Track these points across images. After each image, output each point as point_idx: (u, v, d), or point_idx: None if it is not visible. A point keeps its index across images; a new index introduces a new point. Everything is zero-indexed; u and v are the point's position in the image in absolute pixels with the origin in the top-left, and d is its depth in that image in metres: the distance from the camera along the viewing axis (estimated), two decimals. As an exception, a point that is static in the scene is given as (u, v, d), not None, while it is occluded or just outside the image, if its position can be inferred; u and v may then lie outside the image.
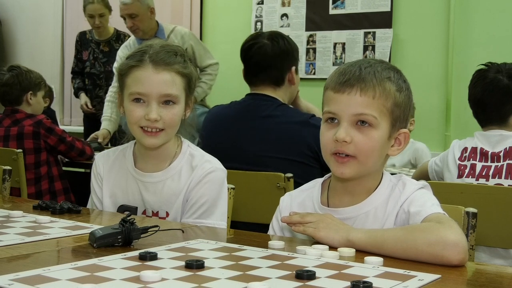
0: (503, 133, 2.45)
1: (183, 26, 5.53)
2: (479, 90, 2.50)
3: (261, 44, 2.59)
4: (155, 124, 1.75)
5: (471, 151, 2.48)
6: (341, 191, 1.52)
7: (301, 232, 1.40)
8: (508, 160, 2.39)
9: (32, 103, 3.53)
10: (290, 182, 2.33)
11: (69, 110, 6.19)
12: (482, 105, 2.50)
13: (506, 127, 2.48)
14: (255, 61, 2.60)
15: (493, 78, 2.47)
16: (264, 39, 2.61)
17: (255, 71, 2.61)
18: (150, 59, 1.76)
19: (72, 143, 3.46)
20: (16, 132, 3.37)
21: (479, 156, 2.46)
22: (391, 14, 4.76)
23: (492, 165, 2.42)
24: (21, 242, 1.33)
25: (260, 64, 2.58)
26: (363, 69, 1.44)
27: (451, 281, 1.12)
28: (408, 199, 1.44)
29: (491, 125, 2.50)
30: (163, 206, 1.83)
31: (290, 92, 2.67)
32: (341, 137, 1.41)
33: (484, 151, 2.45)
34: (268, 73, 2.58)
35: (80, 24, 6.09)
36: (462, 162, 2.48)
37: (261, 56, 2.58)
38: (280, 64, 2.58)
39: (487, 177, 2.40)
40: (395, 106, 1.45)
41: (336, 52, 5.00)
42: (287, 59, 2.61)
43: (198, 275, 1.08)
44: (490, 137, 2.47)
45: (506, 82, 2.46)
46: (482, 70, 2.54)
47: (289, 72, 2.61)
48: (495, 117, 2.49)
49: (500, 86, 2.45)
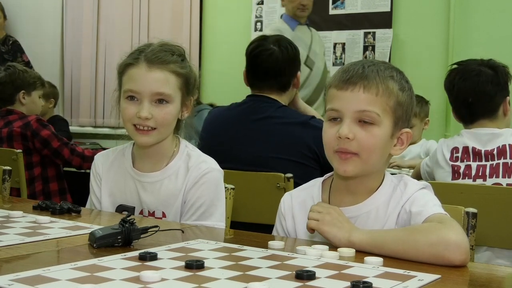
0: (494, 132, 2.42)
1: (183, 26, 5.56)
2: (469, 83, 2.45)
3: (271, 50, 2.59)
4: (146, 122, 1.76)
5: (463, 151, 2.44)
6: (343, 190, 1.52)
7: (307, 225, 1.41)
8: (503, 159, 2.37)
9: (26, 103, 3.48)
10: (290, 183, 2.34)
11: (70, 110, 6.19)
12: (474, 97, 2.44)
13: (496, 120, 2.45)
14: (265, 68, 2.59)
15: (478, 70, 2.44)
16: (271, 44, 2.61)
17: (264, 77, 2.60)
18: (145, 58, 1.77)
19: (58, 150, 3.35)
20: (6, 133, 3.34)
21: (472, 156, 2.42)
22: (391, 14, 4.76)
23: (487, 164, 2.39)
24: (21, 242, 1.33)
25: (270, 71, 2.58)
26: (366, 67, 1.46)
27: (451, 281, 1.12)
28: (410, 199, 1.45)
29: (482, 119, 2.45)
30: (159, 206, 1.83)
31: (291, 95, 2.69)
32: (344, 133, 1.41)
33: (476, 150, 2.41)
34: (277, 80, 2.59)
35: (80, 24, 6.11)
36: (455, 163, 2.45)
37: (271, 64, 2.57)
38: (288, 71, 2.60)
39: (484, 177, 2.38)
40: (398, 105, 1.46)
41: (336, 52, 4.99)
42: (294, 65, 2.64)
43: (198, 275, 1.08)
44: (480, 135, 2.43)
45: (492, 72, 2.44)
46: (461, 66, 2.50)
47: (295, 77, 2.64)
48: (486, 110, 2.45)
49: (489, 77, 2.43)
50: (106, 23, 6.00)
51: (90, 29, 6.05)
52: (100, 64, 6.01)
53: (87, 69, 6.06)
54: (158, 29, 5.65)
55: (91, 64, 6.05)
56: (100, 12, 6.03)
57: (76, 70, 6.15)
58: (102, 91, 6.01)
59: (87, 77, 6.07)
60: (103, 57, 6.00)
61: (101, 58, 6.01)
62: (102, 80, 6.00)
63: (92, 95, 6.06)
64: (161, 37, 1.91)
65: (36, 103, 3.57)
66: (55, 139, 3.37)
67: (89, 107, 6.08)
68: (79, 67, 6.12)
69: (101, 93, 6.01)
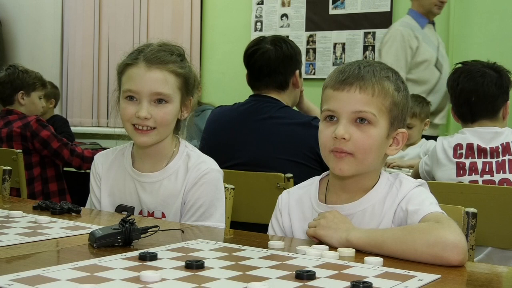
0: (496, 130, 2.44)
1: (184, 26, 5.56)
2: (473, 83, 2.46)
3: (264, 49, 2.60)
4: (145, 122, 1.76)
5: (467, 148, 2.45)
6: (338, 188, 1.53)
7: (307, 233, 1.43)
8: (508, 155, 2.39)
9: (25, 103, 3.47)
10: (290, 183, 2.33)
11: (71, 110, 6.19)
12: (477, 97, 2.46)
13: (497, 121, 2.47)
14: (259, 67, 2.60)
15: (483, 72, 2.47)
16: (267, 44, 2.61)
17: (259, 77, 2.61)
18: (144, 58, 1.78)
19: (57, 151, 3.36)
20: (6, 133, 3.34)
21: (476, 152, 2.43)
22: (391, 14, 4.76)
23: (493, 160, 2.40)
24: (21, 242, 1.34)
25: (263, 69, 2.59)
26: (362, 68, 1.46)
27: (451, 281, 1.12)
28: (406, 197, 1.45)
29: (483, 119, 2.47)
30: (158, 206, 1.83)
31: (294, 95, 2.68)
32: (340, 134, 1.42)
33: (482, 147, 2.42)
34: (272, 78, 2.59)
35: (80, 24, 6.11)
36: (459, 160, 2.45)
37: (264, 62, 2.58)
38: (284, 69, 2.59)
39: (492, 173, 2.39)
40: (394, 105, 1.46)
41: (336, 52, 4.99)
42: (291, 64, 2.61)
43: (198, 275, 1.08)
44: (482, 134, 2.45)
45: (496, 75, 2.47)
46: (467, 66, 2.52)
47: (293, 76, 2.62)
48: (488, 110, 2.46)
49: (493, 79, 2.45)
50: (106, 23, 6.00)
51: (90, 29, 6.05)
52: (99, 64, 6.00)
53: (87, 69, 6.06)
54: (159, 29, 5.66)
55: (90, 64, 6.04)
56: (100, 12, 6.03)
57: (75, 70, 6.14)
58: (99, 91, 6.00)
59: (86, 77, 6.07)
60: (102, 57, 5.99)
61: (101, 58, 6.00)
62: (101, 80, 5.99)
63: (92, 95, 6.05)
64: (162, 37, 1.91)
65: (36, 104, 3.55)
66: (55, 139, 3.37)
67: (88, 107, 6.08)
68: (79, 67, 6.12)
69: (99, 93, 6.01)
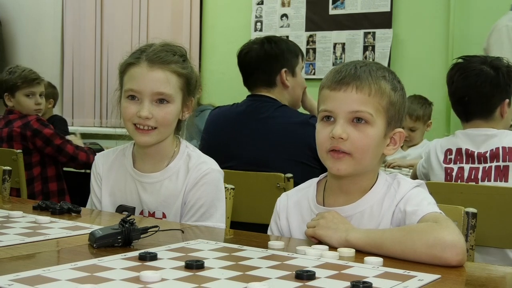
0: (488, 133, 2.38)
1: (183, 26, 5.56)
2: (467, 83, 2.40)
3: (251, 49, 2.66)
4: (146, 122, 1.76)
5: (456, 153, 2.42)
6: (336, 190, 1.53)
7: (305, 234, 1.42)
8: (495, 161, 2.34)
9: (13, 105, 3.44)
10: (290, 182, 2.34)
11: (71, 110, 6.19)
12: (470, 97, 2.40)
13: (492, 121, 2.41)
14: (244, 66, 2.69)
15: (479, 70, 2.39)
16: (255, 44, 2.67)
17: (245, 75, 2.69)
18: (146, 57, 1.78)
19: (61, 147, 3.35)
20: (6, 133, 3.34)
21: (465, 157, 2.40)
22: (391, 14, 4.76)
23: (480, 166, 2.36)
24: (21, 243, 1.33)
25: (247, 68, 2.67)
26: (358, 68, 1.47)
27: (450, 281, 1.12)
28: (404, 198, 1.45)
29: (477, 119, 2.42)
30: (159, 207, 1.83)
31: (291, 94, 2.67)
32: (338, 133, 1.42)
33: (469, 152, 2.39)
34: (255, 76, 2.64)
35: (80, 24, 6.11)
36: (448, 165, 2.42)
37: (247, 61, 2.66)
38: (267, 68, 2.61)
39: (476, 180, 2.35)
40: (390, 105, 1.47)
41: (336, 52, 5.00)
42: (275, 62, 2.62)
43: (198, 275, 1.08)
44: (474, 136, 2.41)
45: (493, 73, 2.38)
46: (464, 63, 2.45)
47: (278, 74, 2.62)
48: (483, 110, 2.41)
49: (489, 78, 2.37)
50: (106, 23, 6.00)
51: (90, 29, 6.05)
52: (99, 64, 6.01)
53: (87, 69, 6.06)
54: (158, 29, 5.66)
55: (90, 64, 6.05)
56: (100, 12, 6.03)
57: (75, 70, 6.14)
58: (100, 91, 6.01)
59: (86, 77, 6.07)
60: (102, 57, 6.00)
61: (101, 58, 6.00)
62: (101, 80, 5.99)
63: (92, 95, 6.05)
64: (161, 37, 1.91)
65: (22, 103, 3.45)
66: (58, 137, 3.39)
67: (89, 107, 6.08)
68: (79, 67, 6.12)
69: (99, 93, 6.01)
